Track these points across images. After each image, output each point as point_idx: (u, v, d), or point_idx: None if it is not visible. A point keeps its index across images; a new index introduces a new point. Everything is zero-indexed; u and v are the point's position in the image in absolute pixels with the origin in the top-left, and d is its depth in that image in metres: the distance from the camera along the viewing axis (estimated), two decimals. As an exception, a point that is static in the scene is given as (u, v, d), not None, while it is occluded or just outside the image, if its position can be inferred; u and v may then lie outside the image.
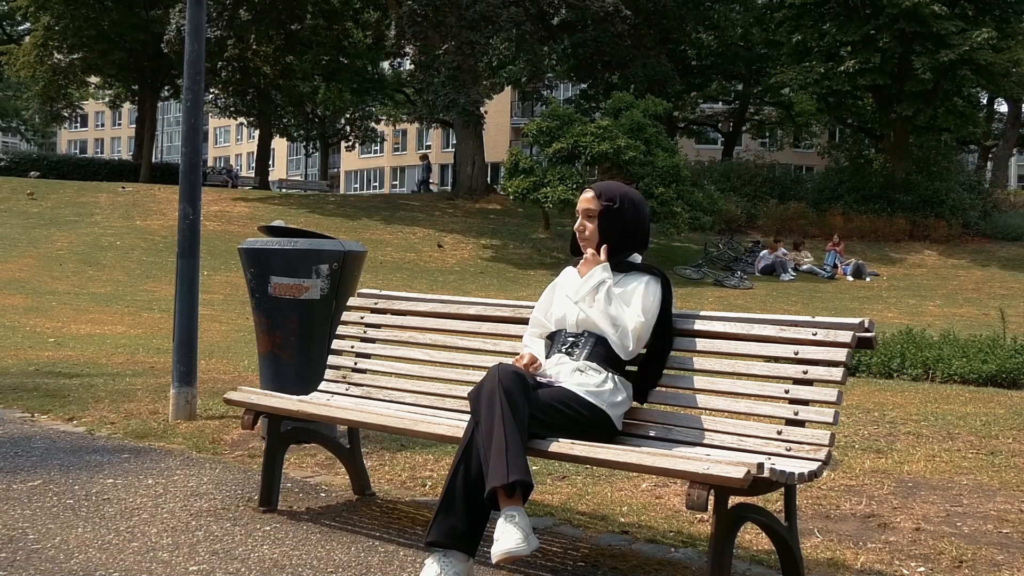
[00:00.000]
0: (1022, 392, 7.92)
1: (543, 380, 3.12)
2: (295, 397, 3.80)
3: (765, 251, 23.79)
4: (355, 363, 3.97)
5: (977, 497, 4.23)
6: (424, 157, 44.15)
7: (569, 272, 3.38)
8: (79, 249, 21.71)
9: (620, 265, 3.25)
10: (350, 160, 75.03)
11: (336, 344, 4.06)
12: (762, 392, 3.02)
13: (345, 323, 4.08)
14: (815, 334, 2.94)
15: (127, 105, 49.82)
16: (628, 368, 3.21)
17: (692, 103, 41.23)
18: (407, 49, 31.08)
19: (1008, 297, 19.76)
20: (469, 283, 20.20)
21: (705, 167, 33.76)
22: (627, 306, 3.15)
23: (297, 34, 35.85)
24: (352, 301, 4.14)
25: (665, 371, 3.23)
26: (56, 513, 3.62)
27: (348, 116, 47.54)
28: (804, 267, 23.73)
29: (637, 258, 3.29)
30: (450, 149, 50.08)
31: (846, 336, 2.88)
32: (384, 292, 4.09)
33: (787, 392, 2.95)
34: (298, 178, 66.85)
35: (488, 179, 34.59)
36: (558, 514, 3.79)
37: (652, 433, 3.15)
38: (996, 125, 40.39)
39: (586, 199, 3.27)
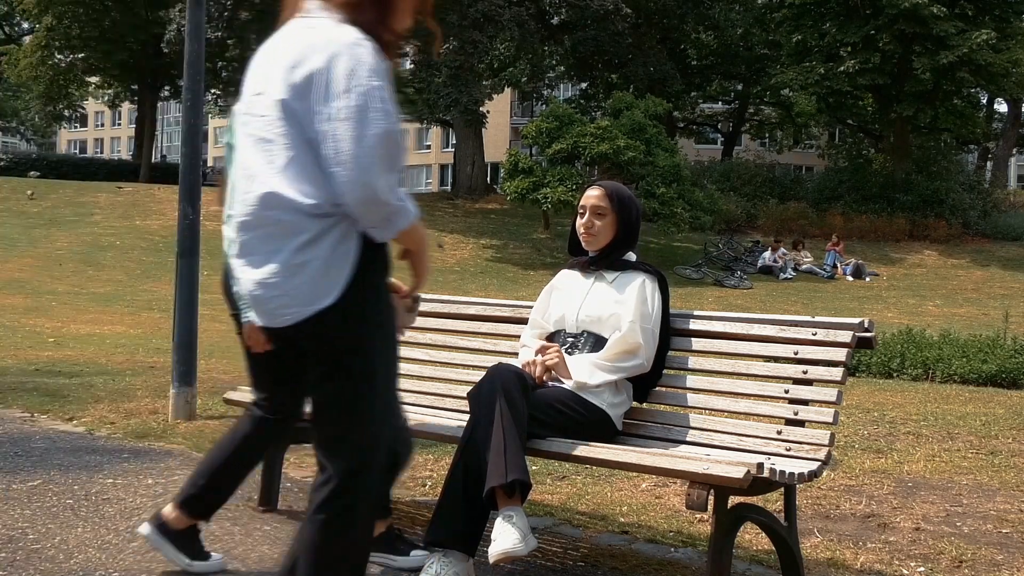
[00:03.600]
0: (1022, 392, 7.92)
1: (543, 379, 3.12)
2: (295, 397, 3.79)
3: (767, 252, 23.78)
4: (355, 363, 3.96)
5: (977, 497, 4.24)
6: None
7: (566, 274, 3.39)
8: (79, 249, 21.71)
9: (617, 264, 3.25)
10: (350, 160, 74.92)
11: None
12: (762, 392, 3.02)
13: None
14: (815, 334, 2.94)
15: (127, 105, 49.83)
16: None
17: (692, 103, 41.23)
18: (407, 48, 31.04)
19: (1008, 297, 19.76)
20: (469, 283, 20.20)
21: (705, 167, 33.77)
22: (622, 304, 3.15)
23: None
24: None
25: (665, 371, 3.23)
26: (56, 513, 3.61)
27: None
28: (804, 267, 23.73)
29: (632, 256, 3.29)
30: (450, 149, 50.03)
31: (846, 336, 2.88)
32: (384, 292, 4.08)
33: (787, 392, 2.95)
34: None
35: (488, 179, 34.59)
36: (558, 514, 3.79)
37: (652, 433, 3.15)
38: (996, 125, 40.35)
39: (595, 196, 3.25)
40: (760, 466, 2.52)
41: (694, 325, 3.21)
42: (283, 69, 2.07)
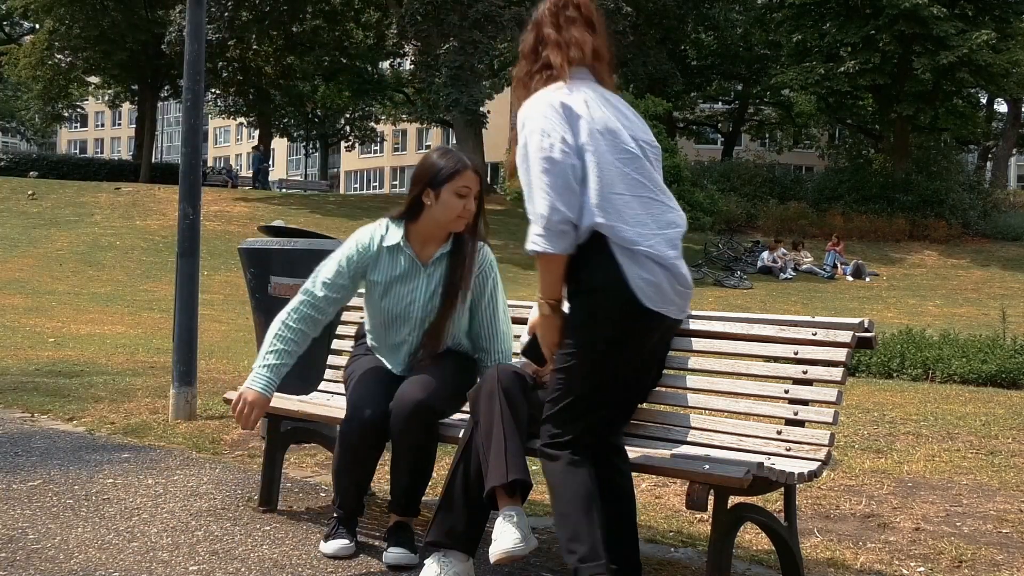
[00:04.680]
0: (1022, 392, 7.92)
1: (543, 380, 3.11)
2: (295, 397, 3.80)
3: (767, 251, 23.78)
4: (355, 363, 3.96)
5: (977, 497, 4.24)
6: (256, 148, 41.85)
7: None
8: (79, 249, 21.71)
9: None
10: (350, 160, 75.00)
11: (336, 344, 4.06)
12: (762, 392, 3.01)
13: (345, 323, 4.08)
14: (815, 334, 2.94)
15: (127, 105, 49.85)
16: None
17: (692, 103, 41.23)
18: (407, 48, 31.04)
19: (1008, 297, 19.76)
20: (469, 283, 20.17)
21: (705, 167, 33.76)
22: None
23: (298, 35, 35.84)
24: (352, 301, 4.13)
25: (665, 371, 3.22)
26: (56, 513, 3.62)
27: (348, 116, 47.53)
28: (804, 267, 23.73)
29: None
30: (450, 149, 49.91)
31: (846, 336, 2.88)
32: (384, 292, 4.08)
33: (787, 392, 2.94)
34: (298, 178, 66.85)
35: (488, 179, 34.58)
36: (558, 514, 3.78)
37: (652, 433, 3.15)
38: (996, 125, 40.38)
39: None
40: (760, 466, 2.52)
41: (694, 325, 3.20)
42: (642, 129, 2.77)
